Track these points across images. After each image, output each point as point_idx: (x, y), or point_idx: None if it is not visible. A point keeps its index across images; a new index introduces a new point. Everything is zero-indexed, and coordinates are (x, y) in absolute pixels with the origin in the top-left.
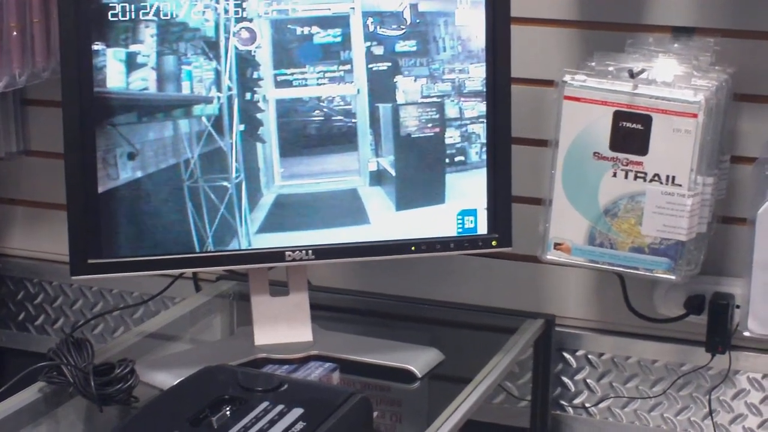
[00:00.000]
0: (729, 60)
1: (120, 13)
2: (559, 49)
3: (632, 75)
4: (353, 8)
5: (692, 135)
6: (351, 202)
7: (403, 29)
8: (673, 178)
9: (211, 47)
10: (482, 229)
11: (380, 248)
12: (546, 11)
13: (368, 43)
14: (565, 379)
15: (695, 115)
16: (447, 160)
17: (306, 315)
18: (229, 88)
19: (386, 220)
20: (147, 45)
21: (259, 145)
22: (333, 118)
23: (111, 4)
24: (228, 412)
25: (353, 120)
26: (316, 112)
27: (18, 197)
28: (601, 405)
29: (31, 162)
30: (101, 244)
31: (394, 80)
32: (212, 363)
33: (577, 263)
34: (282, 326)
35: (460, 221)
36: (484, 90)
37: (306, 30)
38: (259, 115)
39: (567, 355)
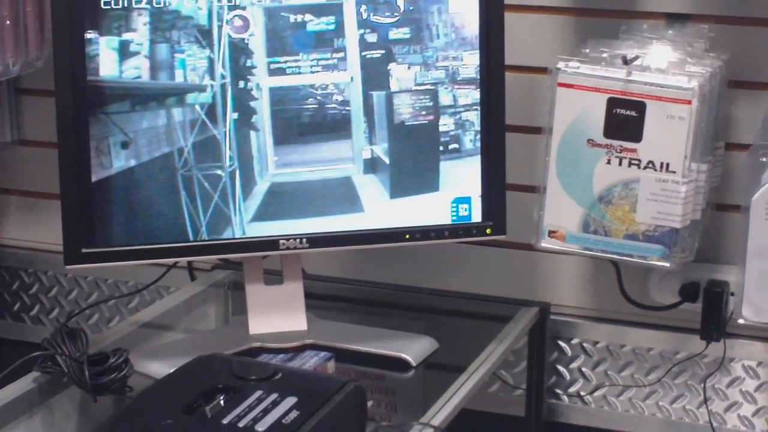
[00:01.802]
0: (723, 46)
1: (113, 2)
2: (553, 36)
3: (626, 62)
4: None
5: (686, 122)
6: (345, 190)
7: (396, 16)
8: (667, 165)
9: (204, 35)
10: (476, 216)
11: (374, 236)
12: None
13: (362, 31)
14: (560, 368)
15: (689, 102)
16: (441, 148)
17: (300, 304)
18: (223, 77)
19: (380, 208)
20: (140, 33)
21: (252, 134)
22: (327, 106)
23: None
24: (222, 401)
25: (347, 108)
26: (310, 100)
27: (12, 187)
28: (596, 393)
29: (24, 151)
30: (95, 233)
31: (388, 68)
32: (207, 352)
33: (571, 251)
34: (276, 315)
35: (454, 209)
36: (478, 77)
37: (299, 17)
38: (252, 104)
39: (562, 344)
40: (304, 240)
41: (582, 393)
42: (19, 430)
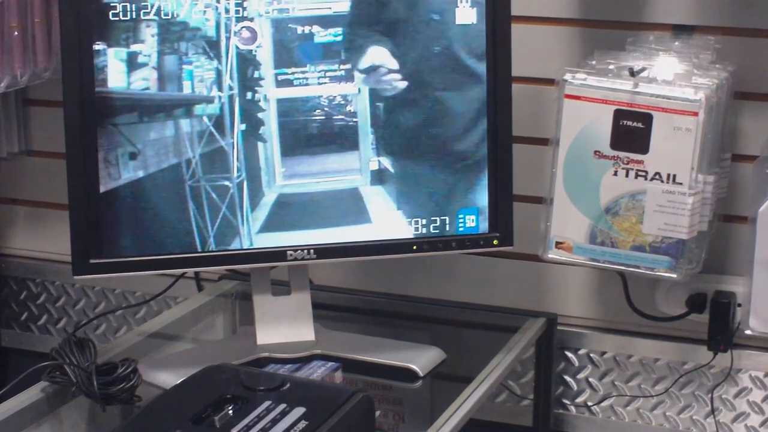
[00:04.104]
0: (729, 58)
1: (121, 13)
2: (560, 48)
3: (633, 73)
4: None
5: (693, 133)
6: (352, 202)
7: None
8: (674, 176)
9: (212, 47)
10: (484, 228)
11: (382, 247)
12: (546, 10)
13: None
14: (568, 378)
15: (696, 114)
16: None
17: (308, 314)
18: (230, 88)
19: (387, 219)
20: (148, 44)
21: (260, 145)
22: (334, 117)
23: (112, 4)
24: (230, 411)
25: (354, 119)
26: (317, 111)
27: (20, 197)
28: (604, 404)
29: (32, 162)
30: (103, 243)
31: None
32: (214, 362)
33: (578, 262)
34: (284, 326)
35: (461, 220)
36: (485, 88)
37: (307, 29)
38: (260, 115)
39: (569, 354)
40: (312, 251)
41: (589, 403)
42: None
